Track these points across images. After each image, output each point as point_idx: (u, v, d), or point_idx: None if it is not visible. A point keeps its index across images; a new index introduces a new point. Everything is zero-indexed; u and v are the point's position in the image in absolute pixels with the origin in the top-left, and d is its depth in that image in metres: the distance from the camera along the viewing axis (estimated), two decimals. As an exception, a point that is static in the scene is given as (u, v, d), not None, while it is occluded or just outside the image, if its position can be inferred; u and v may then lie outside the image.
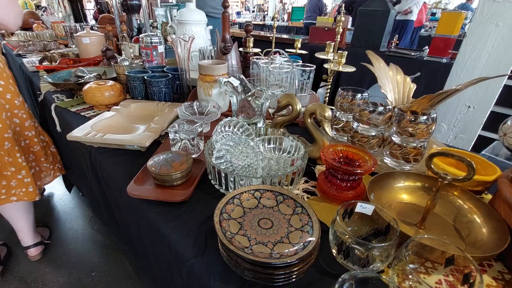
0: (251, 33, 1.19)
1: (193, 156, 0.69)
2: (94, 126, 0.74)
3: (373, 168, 0.51)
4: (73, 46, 1.94)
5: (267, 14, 9.04)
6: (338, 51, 0.81)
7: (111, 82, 1.01)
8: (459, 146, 0.85)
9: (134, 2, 1.71)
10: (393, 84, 0.86)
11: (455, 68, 1.32)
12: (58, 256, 1.33)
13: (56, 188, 1.82)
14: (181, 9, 1.26)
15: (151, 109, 0.92)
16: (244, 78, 0.88)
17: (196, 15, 1.27)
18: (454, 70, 1.33)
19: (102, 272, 1.26)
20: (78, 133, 0.69)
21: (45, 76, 1.16)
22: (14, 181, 1.05)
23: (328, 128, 0.65)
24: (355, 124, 0.73)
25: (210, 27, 1.33)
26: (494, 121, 1.65)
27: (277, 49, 1.02)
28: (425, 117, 0.62)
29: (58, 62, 1.38)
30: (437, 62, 2.57)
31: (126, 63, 1.11)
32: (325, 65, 0.88)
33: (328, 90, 0.99)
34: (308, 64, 0.93)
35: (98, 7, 2.64)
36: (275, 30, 1.17)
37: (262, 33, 4.24)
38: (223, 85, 0.84)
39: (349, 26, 3.36)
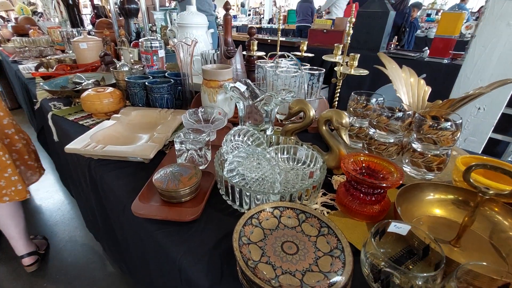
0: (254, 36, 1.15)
1: (201, 167, 0.65)
2: (94, 136, 0.69)
3: (400, 181, 0.47)
4: (70, 51, 1.89)
5: (263, 17, 9.04)
6: (350, 54, 0.77)
7: (110, 89, 0.96)
8: (469, 149, 0.81)
9: (132, 6, 1.67)
10: (407, 87, 0.82)
11: (464, 69, 1.28)
12: (57, 270, 1.28)
13: (54, 197, 1.77)
14: (182, 12, 1.22)
15: (153, 116, 0.88)
16: (250, 82, 0.84)
17: (197, 18, 1.23)
18: (463, 71, 1.29)
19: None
20: (77, 145, 0.64)
21: (41, 83, 1.12)
22: (3, 181, 1.02)
23: (345, 136, 0.61)
24: (371, 131, 0.69)
25: (212, 30, 1.29)
26: (504, 123, 1.62)
27: (283, 52, 0.99)
28: (449, 123, 0.58)
29: (54, 68, 1.33)
30: (438, 63, 2.55)
31: (126, 68, 1.07)
32: (336, 68, 0.84)
33: (338, 94, 0.95)
34: (317, 68, 0.89)
35: (95, 11, 2.59)
36: (279, 33, 1.13)
37: (260, 36, 4.22)
38: (229, 91, 0.80)
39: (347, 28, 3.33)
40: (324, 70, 0.89)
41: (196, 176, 0.53)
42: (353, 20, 0.82)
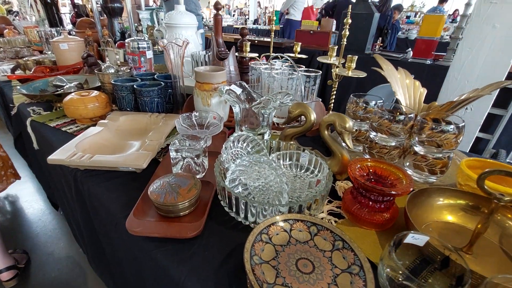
0: (247, 36, 1.12)
1: (198, 176, 0.61)
2: (79, 145, 0.64)
3: (410, 188, 0.46)
4: (49, 52, 1.79)
5: (248, 18, 9.03)
6: (348, 55, 0.76)
7: (95, 92, 0.90)
8: (458, 148, 0.82)
9: (116, 5, 1.60)
10: (403, 89, 0.81)
11: (452, 70, 1.31)
12: (39, 285, 1.19)
13: (34, 207, 1.66)
14: (170, 12, 1.17)
15: (143, 122, 0.83)
16: (246, 85, 0.81)
17: (186, 18, 1.18)
18: (451, 72, 1.32)
19: (91, 303, 1.14)
20: (61, 155, 0.59)
21: (18, 87, 1.04)
22: None
23: (349, 141, 0.59)
24: (372, 134, 0.68)
25: (201, 30, 1.25)
26: (488, 123, 1.67)
27: (277, 54, 0.96)
28: (452, 127, 0.57)
29: (33, 70, 1.25)
30: (421, 64, 2.62)
31: (112, 70, 1.01)
32: (333, 70, 0.83)
33: (334, 96, 0.93)
34: (313, 69, 0.87)
35: (76, 10, 2.46)
36: (272, 34, 1.10)
37: (247, 37, 4.19)
38: (224, 94, 0.77)
39: (333, 29, 3.39)
40: (321, 72, 0.87)
41: (195, 187, 0.49)
42: (349, 21, 0.81)
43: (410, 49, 2.90)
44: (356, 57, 0.75)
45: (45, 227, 1.52)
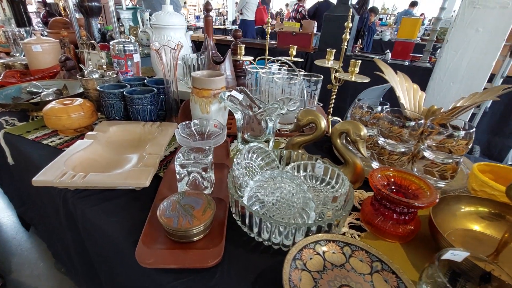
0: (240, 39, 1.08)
1: (206, 191, 0.57)
2: (68, 162, 0.57)
3: (437, 199, 0.44)
4: (17, 54, 1.64)
5: (226, 19, 8.94)
6: (351, 60, 0.75)
7: (79, 100, 0.82)
8: None
9: (93, 4, 1.49)
10: (403, 93, 0.82)
11: (438, 72, 1.35)
12: (16, 314, 1.08)
13: (7, 224, 1.51)
14: (157, 12, 1.10)
15: (136, 132, 0.76)
16: (246, 90, 0.77)
17: (174, 19, 1.12)
18: (437, 75, 1.36)
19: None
20: (48, 176, 0.52)
21: (-15, 95, 0.93)
22: None
23: (363, 149, 0.57)
24: (381, 140, 0.67)
25: (191, 32, 1.19)
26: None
27: (277, 58, 0.93)
28: (463, 133, 0.57)
29: (2, 75, 1.12)
30: (400, 65, 2.71)
31: (96, 75, 0.93)
32: (337, 74, 0.81)
33: (334, 100, 0.92)
34: (315, 74, 0.85)
35: (47, 9, 2.27)
36: (268, 36, 1.07)
37: (228, 38, 4.14)
38: (226, 101, 0.73)
39: (315, 31, 3.45)
40: (322, 77, 0.85)
41: (210, 208, 0.45)
42: (350, 25, 0.80)
43: (388, 50, 3.00)
44: (360, 61, 0.74)
45: (21, 246, 1.38)
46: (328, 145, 0.82)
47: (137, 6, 2.30)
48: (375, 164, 0.69)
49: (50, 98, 0.95)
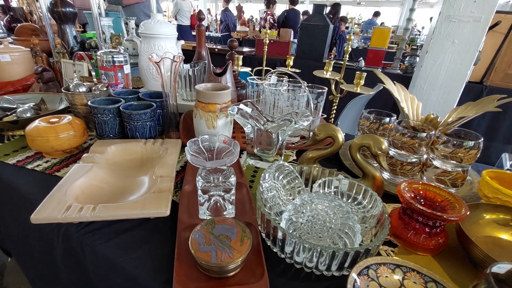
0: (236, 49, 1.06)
1: (227, 214, 0.53)
2: (69, 192, 0.51)
3: (468, 212, 0.46)
4: (-24, 64, 1.46)
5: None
6: (357, 72, 0.76)
7: (67, 118, 0.74)
8: None
9: (68, 9, 1.38)
10: (407, 103, 0.85)
11: (419, 80, 1.44)
12: None
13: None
14: (146, 20, 1.04)
15: (137, 151, 0.71)
16: (254, 103, 0.75)
17: (165, 28, 1.07)
18: (418, 83, 1.45)
19: None
20: (51, 212, 0.45)
21: None
22: None
23: (384, 162, 0.58)
24: (392, 151, 0.68)
25: (182, 41, 1.15)
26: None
27: (279, 69, 0.92)
28: (472, 143, 0.60)
29: (-36, 89, 0.99)
30: (373, 72, 2.86)
31: (83, 89, 0.85)
32: (342, 86, 0.82)
33: (335, 110, 0.93)
34: (319, 86, 0.86)
35: (11, 14, 2.04)
36: (266, 47, 1.06)
37: (220, 46, 3.93)
38: (236, 115, 0.70)
39: (291, 39, 3.53)
40: (327, 89, 0.86)
41: (246, 236, 0.42)
42: (352, 38, 0.82)
43: (361, 58, 3.15)
44: (365, 73, 0.75)
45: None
46: (333, 157, 0.82)
47: (108, 11, 2.18)
48: (386, 175, 0.71)
49: (29, 115, 0.86)
